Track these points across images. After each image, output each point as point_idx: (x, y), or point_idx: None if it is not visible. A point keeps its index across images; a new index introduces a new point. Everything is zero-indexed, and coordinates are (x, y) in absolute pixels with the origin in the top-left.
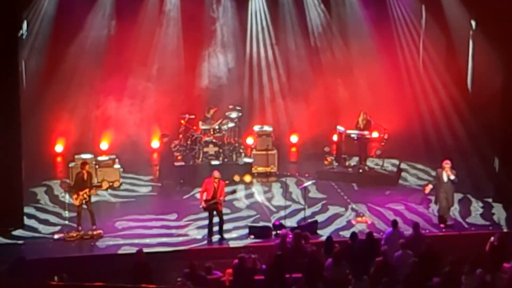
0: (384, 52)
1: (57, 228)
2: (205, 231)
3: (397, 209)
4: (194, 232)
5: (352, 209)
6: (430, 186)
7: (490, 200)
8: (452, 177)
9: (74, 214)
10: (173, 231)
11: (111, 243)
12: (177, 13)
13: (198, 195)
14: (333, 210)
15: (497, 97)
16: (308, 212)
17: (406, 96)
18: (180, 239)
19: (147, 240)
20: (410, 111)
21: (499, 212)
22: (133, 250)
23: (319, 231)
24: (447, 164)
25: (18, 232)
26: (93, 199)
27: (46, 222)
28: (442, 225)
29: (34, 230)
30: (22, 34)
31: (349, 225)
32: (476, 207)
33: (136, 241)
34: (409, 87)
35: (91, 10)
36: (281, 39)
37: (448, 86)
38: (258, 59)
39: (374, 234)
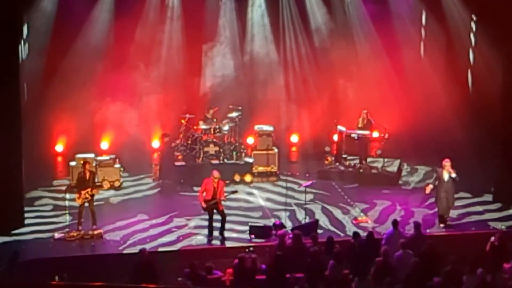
0: (385, 52)
1: (58, 227)
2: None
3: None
4: (193, 223)
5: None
6: (431, 186)
7: (490, 200)
8: (454, 175)
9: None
10: (174, 229)
11: (111, 243)
12: (179, 12)
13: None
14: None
15: (497, 97)
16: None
17: (407, 96)
18: (181, 237)
19: (148, 240)
20: (410, 111)
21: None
22: (134, 249)
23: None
24: (447, 162)
25: (18, 232)
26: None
27: (46, 222)
28: (442, 225)
29: (35, 229)
30: (22, 34)
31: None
32: (478, 208)
33: (136, 240)
34: (409, 87)
35: (92, 9)
36: (282, 38)
37: (448, 86)
38: (259, 58)
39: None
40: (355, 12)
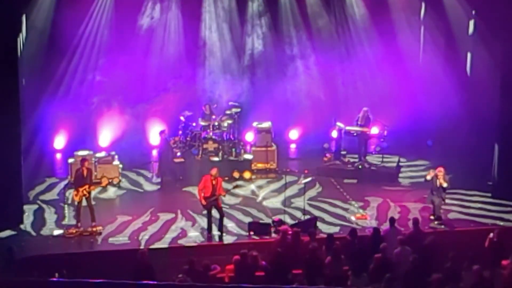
0: (384, 48)
1: (57, 224)
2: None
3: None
4: (191, 220)
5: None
6: (431, 172)
7: (488, 195)
8: (445, 185)
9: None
10: (172, 226)
11: (110, 240)
12: (176, 8)
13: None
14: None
15: (496, 92)
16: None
17: (406, 92)
18: (180, 233)
19: (146, 237)
20: (409, 108)
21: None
22: (133, 246)
23: None
24: (440, 172)
25: (17, 229)
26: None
27: (45, 219)
28: (436, 222)
29: (33, 226)
30: (21, 28)
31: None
32: (477, 204)
33: (135, 237)
34: (409, 83)
35: (91, 8)
36: (281, 34)
37: (447, 83)
38: (258, 55)
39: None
40: (355, 9)
